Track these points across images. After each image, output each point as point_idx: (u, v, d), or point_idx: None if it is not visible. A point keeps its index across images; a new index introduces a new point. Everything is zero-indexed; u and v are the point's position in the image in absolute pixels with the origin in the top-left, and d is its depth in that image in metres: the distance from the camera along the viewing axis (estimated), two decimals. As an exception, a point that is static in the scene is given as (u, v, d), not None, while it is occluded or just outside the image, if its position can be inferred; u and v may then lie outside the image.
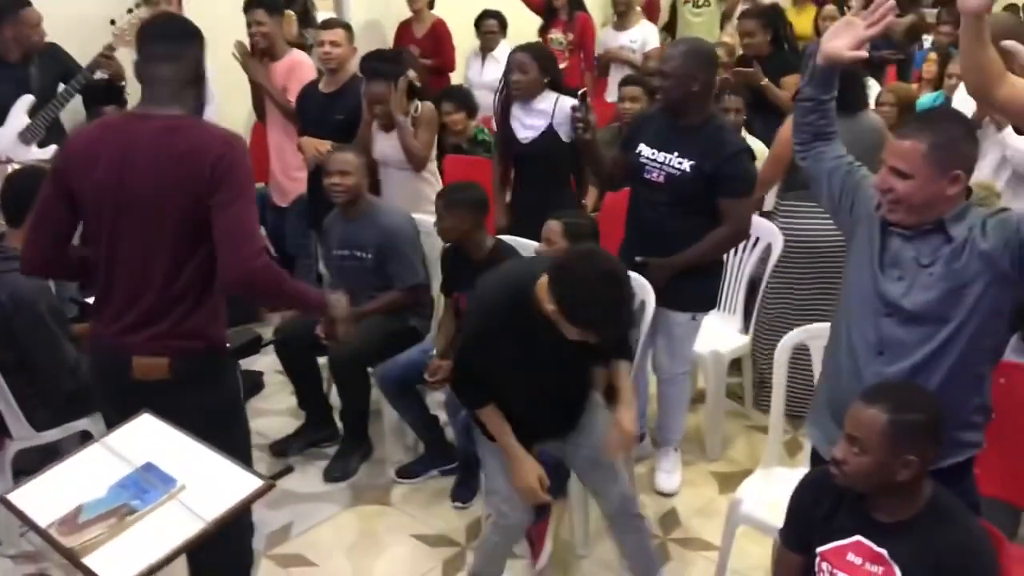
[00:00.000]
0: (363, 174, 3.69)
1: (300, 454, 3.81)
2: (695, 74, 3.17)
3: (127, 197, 2.25)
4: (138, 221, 2.26)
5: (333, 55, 4.28)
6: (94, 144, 2.30)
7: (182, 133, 2.27)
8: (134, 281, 2.30)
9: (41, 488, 1.98)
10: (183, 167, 2.23)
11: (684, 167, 3.20)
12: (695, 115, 3.23)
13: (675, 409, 3.60)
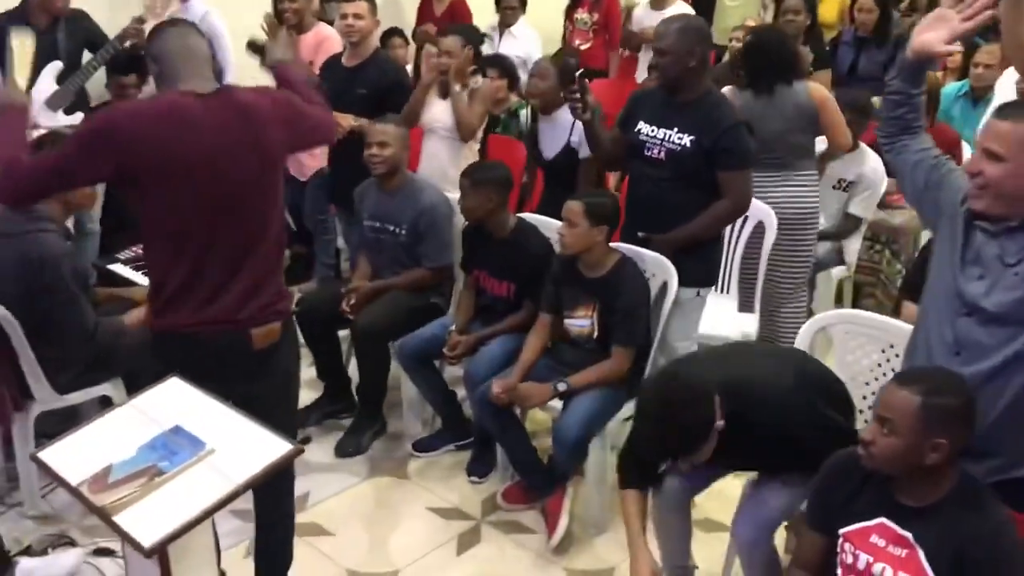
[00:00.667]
0: (402, 146, 3.68)
1: (318, 425, 3.82)
2: (691, 50, 3.17)
3: (225, 177, 2.28)
4: (236, 200, 2.31)
5: (356, 28, 4.25)
6: (188, 134, 2.25)
7: (245, 106, 2.34)
8: (236, 258, 2.34)
9: (71, 447, 2.00)
10: (265, 143, 2.34)
11: (684, 142, 3.21)
12: (692, 90, 3.24)
13: None
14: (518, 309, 3.49)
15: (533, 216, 3.67)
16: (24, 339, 3.06)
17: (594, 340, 3.19)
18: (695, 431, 2.28)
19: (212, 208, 2.29)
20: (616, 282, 3.13)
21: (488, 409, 3.22)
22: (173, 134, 2.24)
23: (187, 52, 2.35)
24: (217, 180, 2.27)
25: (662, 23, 3.41)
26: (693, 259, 3.28)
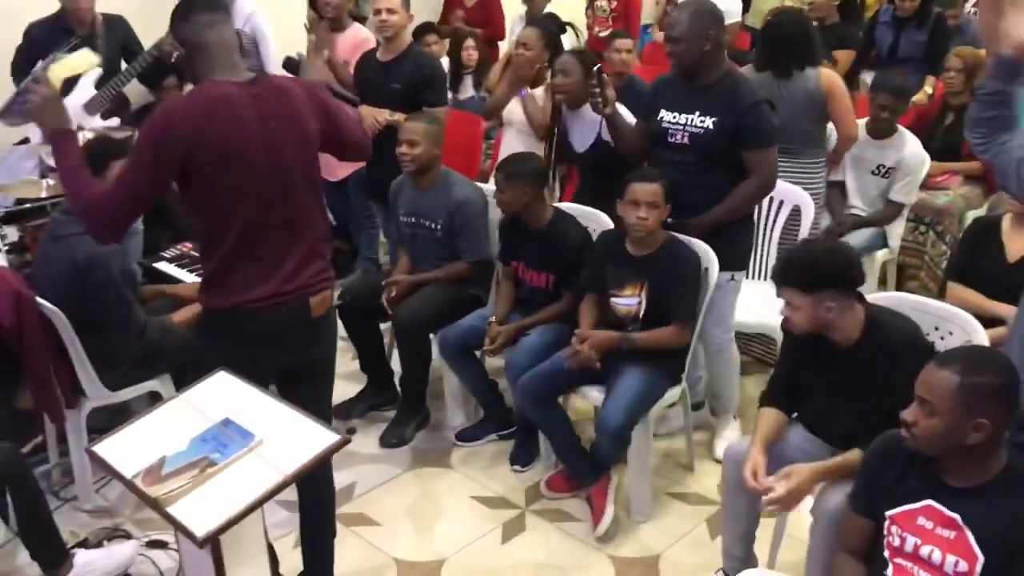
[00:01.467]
0: (433, 143, 3.67)
1: (362, 417, 3.87)
2: (705, 34, 3.17)
3: (276, 159, 2.37)
4: (290, 179, 2.41)
5: (390, 22, 4.26)
6: (236, 120, 2.32)
7: (283, 90, 2.45)
8: (289, 233, 2.44)
9: (124, 441, 2.05)
10: (307, 116, 2.44)
11: (707, 124, 3.20)
12: (711, 73, 3.23)
13: (727, 376, 3.59)
14: (557, 299, 3.50)
15: (569, 206, 3.68)
16: (75, 337, 3.14)
17: (639, 320, 3.18)
18: (847, 274, 2.42)
19: (266, 187, 2.38)
20: (667, 258, 3.14)
21: (530, 397, 3.24)
22: (224, 122, 2.31)
23: (221, 43, 2.39)
24: (268, 160, 2.36)
25: (674, 11, 3.41)
26: (724, 242, 3.27)
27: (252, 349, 2.43)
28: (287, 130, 2.40)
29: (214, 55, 2.38)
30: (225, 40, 2.40)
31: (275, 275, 2.43)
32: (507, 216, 3.59)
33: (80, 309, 3.14)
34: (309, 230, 2.49)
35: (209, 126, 2.29)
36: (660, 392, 3.20)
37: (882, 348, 2.40)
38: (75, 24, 4.35)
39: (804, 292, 2.43)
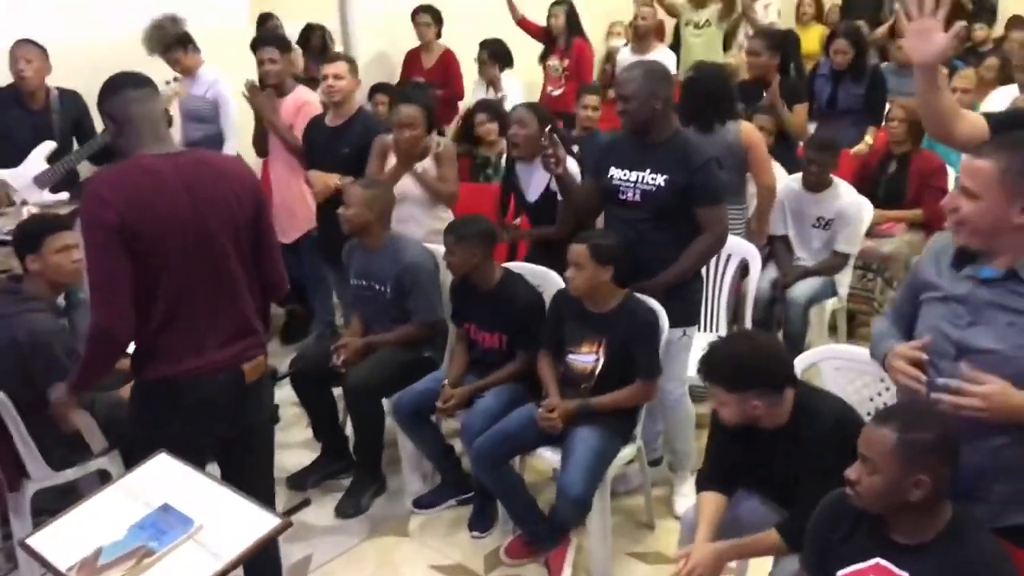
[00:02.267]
0: (367, 207, 3.66)
1: (317, 486, 3.81)
2: (656, 93, 3.23)
3: (204, 231, 2.40)
4: (218, 250, 2.43)
5: (336, 88, 4.30)
6: (163, 189, 2.35)
7: (211, 161, 2.55)
8: (221, 304, 2.47)
9: (60, 531, 1.99)
10: (235, 188, 2.48)
11: (659, 182, 3.25)
12: (661, 132, 3.29)
13: (682, 431, 3.59)
14: (510, 359, 3.49)
15: (519, 265, 3.69)
16: (17, 418, 3.07)
17: (595, 378, 3.18)
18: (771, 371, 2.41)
19: (193, 260, 2.40)
20: (626, 316, 3.15)
21: (485, 461, 3.21)
22: (150, 193, 2.34)
23: (148, 118, 2.44)
24: (195, 233, 2.39)
25: (624, 70, 3.48)
26: (674, 299, 3.29)
27: (187, 421, 2.43)
28: (216, 204, 2.42)
29: (142, 129, 2.42)
30: (152, 114, 2.45)
31: (205, 345, 2.45)
32: (457, 278, 3.59)
33: (24, 388, 3.07)
34: (239, 303, 2.51)
35: (135, 198, 2.31)
36: (614, 451, 3.18)
37: (811, 431, 2.41)
38: (27, 98, 4.33)
39: (729, 390, 2.44)
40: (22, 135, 4.34)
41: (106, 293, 2.34)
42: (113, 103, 2.45)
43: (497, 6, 6.59)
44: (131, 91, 2.44)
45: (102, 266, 2.33)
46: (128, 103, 2.43)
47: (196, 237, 2.39)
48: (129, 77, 2.50)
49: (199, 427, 2.48)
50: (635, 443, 3.29)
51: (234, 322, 2.51)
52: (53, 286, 3.26)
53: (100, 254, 2.32)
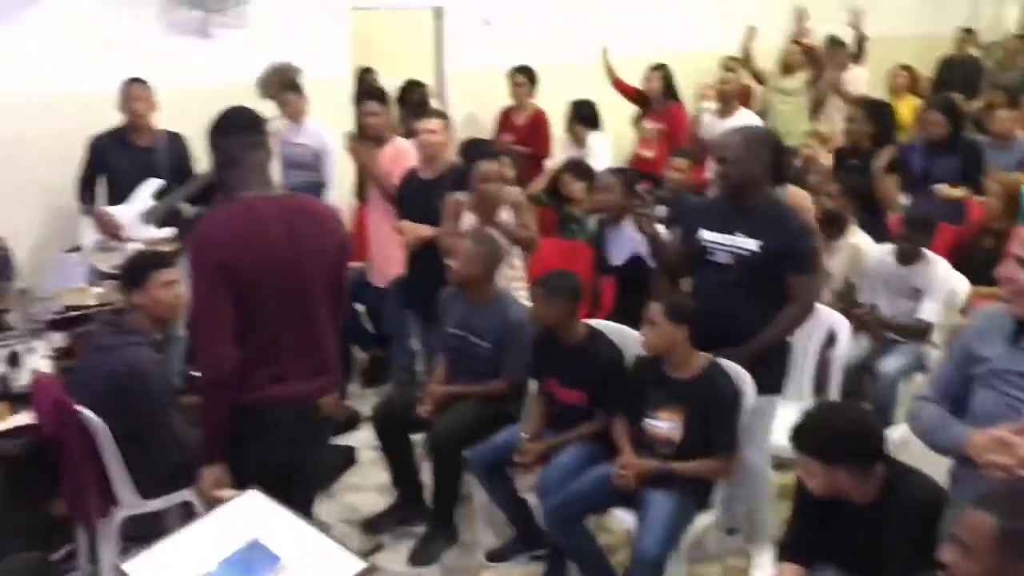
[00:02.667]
0: (475, 265, 3.73)
1: (391, 531, 3.83)
2: (754, 158, 3.24)
3: (299, 272, 2.57)
4: (309, 291, 2.61)
5: (431, 142, 4.43)
6: (265, 230, 2.52)
7: (309, 207, 2.72)
8: (307, 342, 2.64)
9: (154, 560, 2.07)
10: (328, 236, 2.67)
11: (751, 247, 3.23)
12: (755, 196, 3.28)
13: (762, 500, 3.53)
14: (590, 418, 3.49)
15: (603, 323, 3.70)
16: (114, 447, 3.18)
17: (675, 445, 3.16)
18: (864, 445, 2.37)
19: (288, 296, 2.56)
20: (708, 385, 3.13)
21: (559, 519, 3.20)
22: (254, 233, 2.51)
23: (256, 163, 2.61)
24: (292, 271, 2.56)
25: (724, 134, 3.49)
26: (760, 365, 3.26)
27: (261, 444, 2.60)
28: (311, 248, 2.60)
29: (251, 171, 2.60)
30: (260, 160, 2.62)
31: (289, 378, 2.61)
32: (541, 332, 3.62)
33: (120, 418, 3.19)
34: (322, 341, 2.68)
35: (241, 239, 2.49)
36: (691, 517, 3.15)
37: (899, 508, 2.36)
38: (135, 137, 4.55)
39: (818, 460, 2.41)
40: (129, 173, 4.55)
41: (211, 331, 2.51)
42: (227, 142, 2.61)
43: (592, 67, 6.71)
44: (245, 136, 2.61)
45: (209, 304, 2.49)
46: (241, 146, 2.60)
47: (292, 278, 2.55)
48: (245, 120, 2.65)
49: (271, 452, 2.62)
50: (713, 510, 3.25)
51: (315, 359, 2.67)
52: (155, 321, 3.38)
53: (208, 293, 2.49)
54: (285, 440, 2.64)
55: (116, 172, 4.57)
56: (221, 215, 2.59)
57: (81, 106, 4.83)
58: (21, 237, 4.50)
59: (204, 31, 5.32)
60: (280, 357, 2.59)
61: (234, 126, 2.63)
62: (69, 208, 4.73)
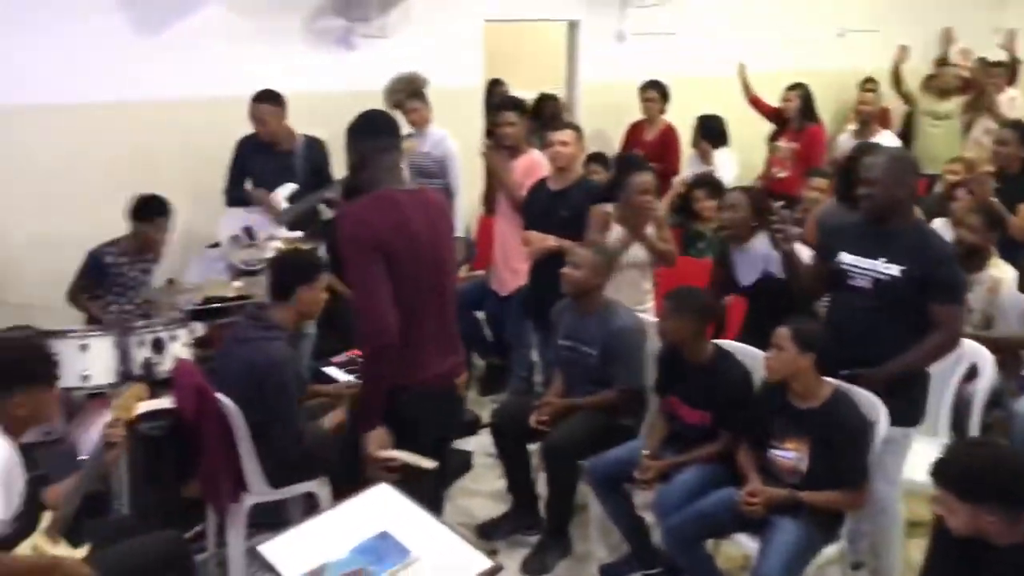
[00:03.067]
0: (594, 272, 3.75)
1: (505, 539, 3.85)
2: (900, 181, 3.14)
3: (435, 258, 2.80)
4: (443, 273, 2.84)
5: (562, 154, 4.44)
6: (406, 218, 2.74)
7: (436, 200, 2.97)
8: (441, 324, 2.84)
9: (288, 543, 2.14)
10: (450, 227, 2.97)
11: (893, 272, 3.12)
12: (899, 220, 3.17)
13: (891, 536, 3.39)
14: (712, 438, 3.43)
15: (733, 344, 3.63)
16: (247, 434, 3.30)
17: (801, 475, 3.08)
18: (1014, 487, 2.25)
19: (426, 278, 2.77)
20: (834, 416, 3.05)
21: (678, 539, 3.15)
22: (396, 220, 2.73)
23: (391, 162, 2.84)
24: (430, 255, 2.78)
25: (870, 156, 3.38)
26: (898, 396, 3.14)
27: (415, 427, 2.78)
28: (442, 237, 2.87)
29: (384, 171, 2.81)
30: (395, 160, 2.86)
31: (428, 361, 2.80)
32: (666, 348, 3.58)
33: (251, 409, 3.31)
34: (451, 323, 2.89)
35: (388, 222, 2.70)
36: (817, 548, 3.05)
37: None
38: (272, 142, 4.73)
39: (962, 500, 2.29)
40: (268, 176, 4.72)
41: (375, 301, 2.67)
42: (364, 144, 2.84)
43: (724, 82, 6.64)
44: (382, 139, 2.84)
45: (370, 277, 2.67)
46: (377, 149, 2.82)
47: (430, 263, 2.77)
48: (383, 123, 2.88)
49: (420, 433, 2.79)
50: (839, 542, 3.14)
51: (448, 341, 2.87)
52: (300, 317, 3.50)
53: (367, 268, 2.67)
54: (432, 420, 2.82)
55: (256, 174, 4.75)
56: (367, 202, 2.76)
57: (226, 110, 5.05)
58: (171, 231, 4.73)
59: (347, 40, 5.50)
60: (423, 340, 2.75)
61: (370, 129, 2.86)
62: (212, 206, 4.95)
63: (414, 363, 2.73)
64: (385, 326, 2.66)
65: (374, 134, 2.84)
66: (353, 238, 2.69)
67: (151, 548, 2.85)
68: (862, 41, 8.10)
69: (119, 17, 4.78)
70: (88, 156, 4.67)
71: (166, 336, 3.72)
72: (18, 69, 4.54)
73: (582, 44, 6.74)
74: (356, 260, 2.68)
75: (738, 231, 3.86)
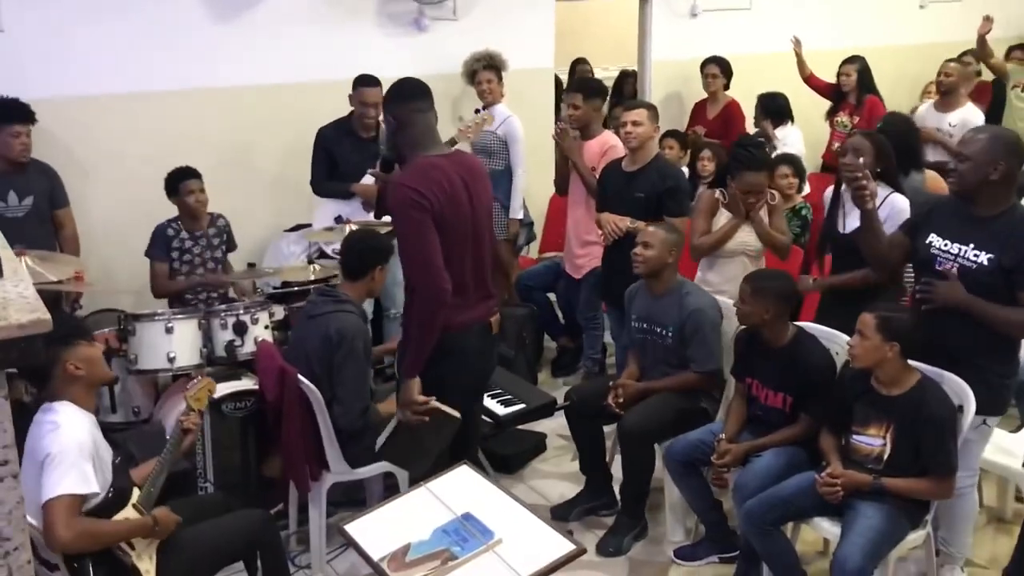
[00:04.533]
0: (667, 251, 3.72)
1: (580, 520, 3.86)
2: (996, 160, 2.98)
3: (474, 214, 3.04)
4: (480, 230, 3.08)
5: (635, 134, 4.36)
6: (450, 181, 2.96)
7: (473, 163, 3.25)
8: (479, 272, 3.09)
9: (372, 523, 2.18)
10: (487, 186, 3.19)
11: (981, 260, 3.01)
12: (992, 205, 3.03)
13: (963, 523, 3.32)
14: (792, 421, 3.38)
15: (813, 326, 3.56)
16: (327, 414, 3.37)
17: (883, 462, 3.02)
18: None
19: (467, 233, 3.01)
20: (921, 404, 2.97)
21: (756, 523, 3.12)
22: (440, 182, 2.94)
23: (427, 125, 3.06)
24: (469, 213, 3.01)
25: (972, 130, 3.26)
26: (980, 383, 3.04)
27: (462, 363, 3.06)
28: (480, 194, 3.07)
29: (422, 132, 3.04)
30: (431, 121, 3.08)
31: (469, 304, 3.06)
32: (745, 330, 3.53)
33: (325, 384, 3.38)
34: (486, 270, 3.13)
35: (435, 186, 2.91)
36: (901, 535, 2.99)
37: None
38: (360, 129, 4.77)
39: None
40: (353, 162, 4.77)
41: (429, 262, 2.89)
42: (400, 107, 3.05)
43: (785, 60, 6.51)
44: (418, 101, 3.05)
45: (424, 240, 2.89)
46: (413, 111, 3.03)
47: (470, 221, 3.01)
48: (416, 88, 3.07)
49: (465, 368, 3.09)
50: (924, 529, 3.07)
51: (484, 286, 3.12)
52: (368, 294, 3.60)
53: (420, 231, 2.89)
54: (474, 356, 3.11)
55: (340, 161, 4.78)
56: (414, 170, 2.98)
57: (302, 96, 5.14)
58: (251, 216, 4.83)
59: (419, 23, 5.51)
60: (464, 289, 3.01)
61: (406, 93, 3.06)
62: (291, 191, 5.04)
63: (457, 308, 2.97)
64: (441, 288, 2.89)
65: (408, 97, 3.04)
66: (406, 205, 2.89)
67: (239, 526, 2.94)
68: (944, 12, 7.82)
69: (191, 4, 4.87)
70: (166, 143, 4.77)
71: (248, 319, 3.81)
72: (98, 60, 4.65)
73: (654, 21, 6.64)
74: (411, 226, 2.91)
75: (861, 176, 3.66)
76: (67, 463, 2.49)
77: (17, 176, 4.25)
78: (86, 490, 2.51)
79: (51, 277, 3.65)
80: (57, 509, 2.45)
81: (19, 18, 4.45)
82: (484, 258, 3.13)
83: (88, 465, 2.54)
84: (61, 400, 2.65)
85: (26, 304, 1.37)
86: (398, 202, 2.93)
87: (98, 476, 2.59)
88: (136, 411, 3.93)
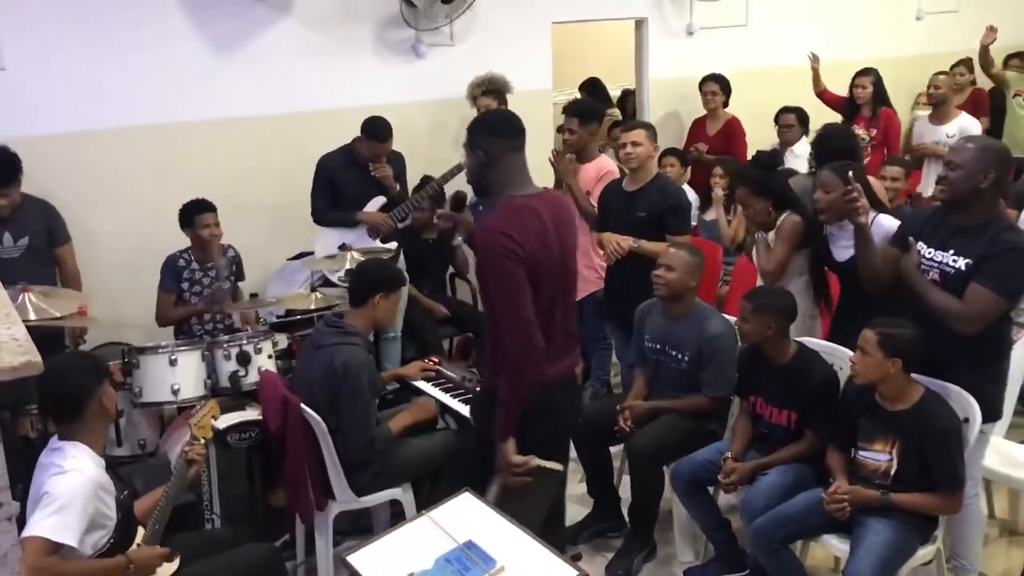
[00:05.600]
0: (689, 274, 3.68)
1: (588, 542, 3.84)
2: (986, 169, 2.98)
3: (563, 257, 2.80)
4: (570, 274, 2.86)
5: (635, 154, 4.37)
6: (541, 223, 2.71)
7: (562, 203, 2.93)
8: (567, 320, 2.85)
9: (375, 553, 2.16)
10: (574, 227, 2.91)
11: (959, 265, 3.01)
12: (978, 214, 3.03)
13: (971, 533, 3.29)
14: (797, 438, 3.36)
15: (815, 341, 3.56)
16: (332, 444, 3.36)
17: (890, 477, 3.01)
18: None
19: (557, 278, 2.77)
20: (923, 417, 2.96)
21: (764, 542, 3.10)
22: (537, 228, 2.69)
23: (519, 163, 2.78)
24: (559, 257, 2.77)
25: (963, 139, 3.27)
26: (972, 392, 3.03)
27: (552, 418, 2.79)
28: (567, 235, 2.83)
29: (513, 171, 2.76)
30: (522, 160, 2.79)
31: (557, 355, 2.79)
32: (747, 348, 3.52)
33: (329, 414, 3.38)
34: (573, 317, 2.91)
35: (528, 232, 2.66)
36: (911, 550, 2.97)
37: None
38: (362, 160, 4.80)
39: None
40: (355, 191, 4.81)
41: (523, 316, 2.65)
42: (493, 143, 2.75)
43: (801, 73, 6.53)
44: (514, 138, 2.77)
45: (518, 293, 2.65)
46: (507, 148, 2.75)
47: (559, 263, 2.77)
48: (511, 124, 2.80)
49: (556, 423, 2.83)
50: (934, 544, 3.05)
51: (570, 334, 2.89)
52: (375, 325, 3.59)
53: (515, 282, 2.64)
54: (564, 410, 2.87)
55: (343, 189, 4.82)
56: (507, 215, 2.71)
57: (303, 125, 5.17)
58: (253, 245, 4.85)
59: (416, 49, 5.56)
60: (553, 338, 2.75)
61: (499, 128, 2.79)
62: (292, 220, 5.06)
63: (546, 361, 2.73)
64: (533, 342, 2.65)
65: (503, 133, 2.76)
66: (500, 252, 2.63)
67: (247, 562, 2.93)
68: (940, 23, 7.85)
69: (193, 37, 4.92)
70: (171, 175, 4.82)
71: (251, 349, 3.81)
72: (101, 95, 4.71)
73: (651, 41, 6.67)
74: (504, 274, 2.64)
75: (832, 210, 3.67)
76: (54, 507, 2.49)
77: (10, 218, 4.27)
78: (60, 539, 2.47)
79: (55, 313, 3.67)
80: (28, 547, 2.42)
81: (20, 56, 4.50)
82: (572, 305, 2.92)
83: (74, 517, 2.51)
84: (72, 441, 2.65)
85: (18, 347, 1.38)
86: (489, 248, 2.68)
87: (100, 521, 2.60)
88: (142, 444, 3.93)
